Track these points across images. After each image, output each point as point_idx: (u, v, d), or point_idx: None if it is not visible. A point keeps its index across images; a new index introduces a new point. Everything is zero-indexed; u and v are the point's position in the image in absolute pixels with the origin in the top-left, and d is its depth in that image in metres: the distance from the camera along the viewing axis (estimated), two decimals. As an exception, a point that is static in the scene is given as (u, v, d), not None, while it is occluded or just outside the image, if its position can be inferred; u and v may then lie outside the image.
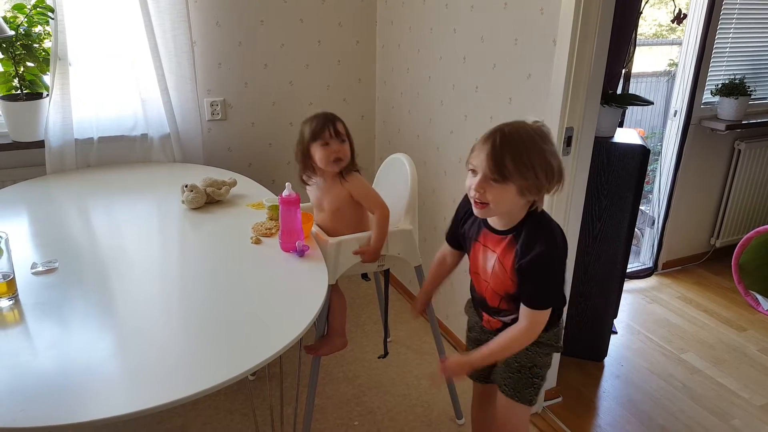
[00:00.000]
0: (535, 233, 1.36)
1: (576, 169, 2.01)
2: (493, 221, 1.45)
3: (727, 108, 3.29)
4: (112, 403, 1.11)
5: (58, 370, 1.18)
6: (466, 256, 1.60)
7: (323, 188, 1.94)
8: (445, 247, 1.69)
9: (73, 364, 1.21)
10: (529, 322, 1.40)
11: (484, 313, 1.60)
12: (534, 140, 1.31)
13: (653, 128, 3.70)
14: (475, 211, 1.38)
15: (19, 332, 1.32)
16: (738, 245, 3.18)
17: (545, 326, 1.48)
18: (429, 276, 1.77)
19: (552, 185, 1.34)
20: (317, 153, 1.84)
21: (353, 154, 1.90)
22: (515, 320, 1.47)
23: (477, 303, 1.62)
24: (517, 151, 1.29)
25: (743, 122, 3.32)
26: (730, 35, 3.28)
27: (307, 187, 1.99)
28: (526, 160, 1.29)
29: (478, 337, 1.66)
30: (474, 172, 1.34)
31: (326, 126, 1.82)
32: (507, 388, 1.58)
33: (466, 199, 1.53)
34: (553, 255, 1.37)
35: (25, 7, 2.30)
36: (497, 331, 1.54)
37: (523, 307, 1.41)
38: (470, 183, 1.35)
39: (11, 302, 1.41)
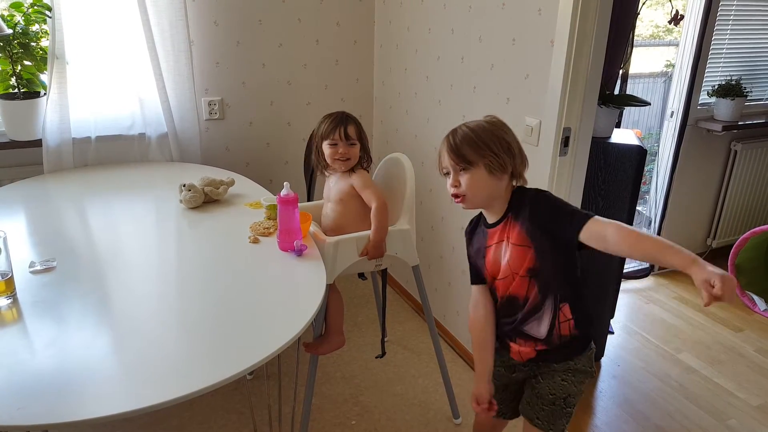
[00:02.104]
0: (522, 197, 1.44)
1: (573, 169, 2.01)
2: (490, 217, 1.48)
3: (724, 109, 3.30)
4: (110, 401, 1.11)
5: (55, 369, 1.18)
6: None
7: (333, 181, 2.04)
8: (474, 294, 1.56)
9: (70, 363, 1.21)
10: (601, 223, 1.30)
11: (512, 344, 1.52)
12: (482, 127, 1.42)
13: (650, 129, 3.70)
14: (464, 207, 1.45)
15: (17, 331, 1.32)
16: (734, 246, 3.18)
17: (579, 347, 1.47)
18: (475, 341, 1.57)
19: (515, 161, 1.42)
20: (326, 150, 1.97)
21: (368, 153, 2.03)
22: (549, 336, 1.43)
23: (503, 324, 1.52)
24: (470, 138, 1.40)
25: (739, 123, 3.33)
26: (727, 37, 3.29)
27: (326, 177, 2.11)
28: (480, 142, 1.39)
29: (501, 373, 1.59)
30: (447, 174, 1.45)
31: (337, 127, 1.94)
32: (541, 422, 1.51)
33: (467, 229, 1.59)
34: (544, 192, 1.44)
35: (23, 5, 2.30)
36: (529, 362, 1.51)
37: (585, 229, 1.31)
38: (448, 183, 1.45)
39: (9, 301, 1.41)
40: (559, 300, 1.44)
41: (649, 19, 4.09)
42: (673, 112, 3.33)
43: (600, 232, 1.30)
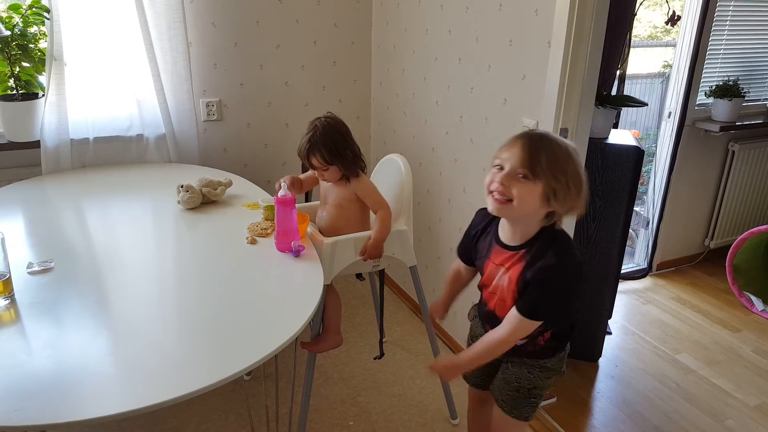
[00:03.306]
0: (547, 246, 1.32)
1: (570, 169, 2.01)
2: (506, 236, 1.40)
3: (721, 109, 3.30)
4: (108, 402, 1.11)
5: (53, 370, 1.18)
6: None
7: (330, 184, 2.02)
8: (458, 262, 1.64)
9: (68, 364, 1.21)
10: (510, 327, 1.36)
11: (488, 327, 1.54)
12: (569, 149, 1.30)
13: (648, 129, 3.71)
14: (494, 208, 1.31)
15: (15, 331, 1.32)
16: (732, 246, 3.19)
17: (549, 352, 1.49)
18: (445, 288, 1.72)
19: (576, 202, 1.30)
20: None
21: (357, 156, 1.94)
22: (526, 346, 1.47)
23: (483, 316, 1.57)
24: (552, 152, 1.26)
25: (737, 124, 3.34)
26: (724, 37, 3.30)
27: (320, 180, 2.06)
28: (561, 162, 1.26)
29: None
30: (500, 167, 1.30)
31: (304, 159, 1.91)
32: (504, 404, 1.56)
33: (480, 215, 1.51)
34: (563, 270, 1.31)
35: (21, 7, 2.30)
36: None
37: (511, 311, 1.36)
38: (493, 178, 1.30)
39: (7, 302, 1.41)
40: (543, 331, 1.46)
41: (647, 20, 4.10)
42: (670, 113, 3.33)
43: (505, 322, 1.39)
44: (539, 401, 1.56)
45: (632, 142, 2.41)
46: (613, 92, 2.64)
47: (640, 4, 2.50)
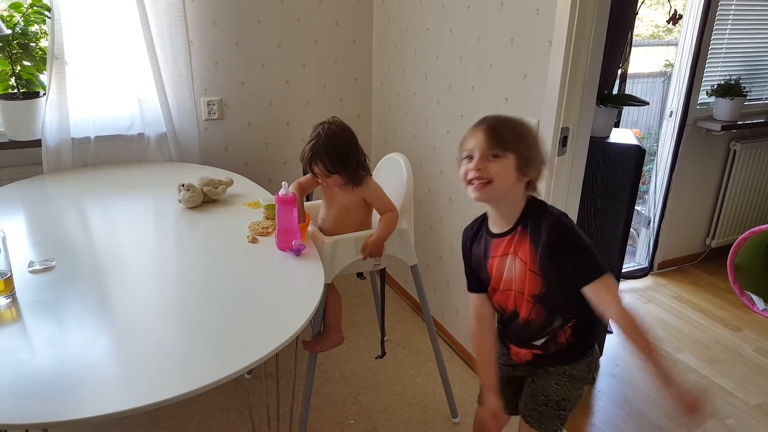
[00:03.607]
0: (540, 214, 1.35)
1: (571, 169, 2.01)
2: (496, 226, 1.41)
3: (723, 109, 3.30)
4: (109, 400, 1.11)
5: (55, 368, 1.19)
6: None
7: (337, 186, 1.95)
8: (474, 302, 1.54)
9: (69, 362, 1.21)
10: (604, 296, 1.29)
11: (512, 345, 1.52)
12: (521, 118, 1.38)
13: (649, 129, 3.71)
14: (476, 194, 1.33)
15: (17, 330, 1.32)
16: (733, 245, 3.19)
17: (577, 354, 1.45)
18: (477, 352, 1.55)
19: (543, 161, 1.36)
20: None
21: (361, 164, 1.89)
22: (546, 344, 1.44)
23: (502, 330, 1.53)
24: (510, 124, 1.34)
25: (738, 123, 3.33)
26: (726, 36, 3.29)
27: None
28: (521, 131, 1.34)
29: (501, 368, 1.57)
30: (469, 157, 1.33)
31: (306, 166, 1.87)
32: (531, 420, 1.52)
33: (466, 230, 1.53)
34: (568, 221, 1.35)
35: (22, 5, 2.30)
36: (527, 364, 1.50)
37: (587, 290, 1.29)
38: (467, 167, 1.33)
39: (9, 300, 1.42)
40: (565, 322, 1.43)
41: (649, 19, 4.10)
42: (672, 112, 3.33)
43: (602, 303, 1.30)
44: (569, 413, 1.51)
45: (633, 141, 2.41)
46: (615, 91, 2.64)
47: (642, 3, 2.50)
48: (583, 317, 1.43)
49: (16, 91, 2.39)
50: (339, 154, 1.82)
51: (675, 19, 2.58)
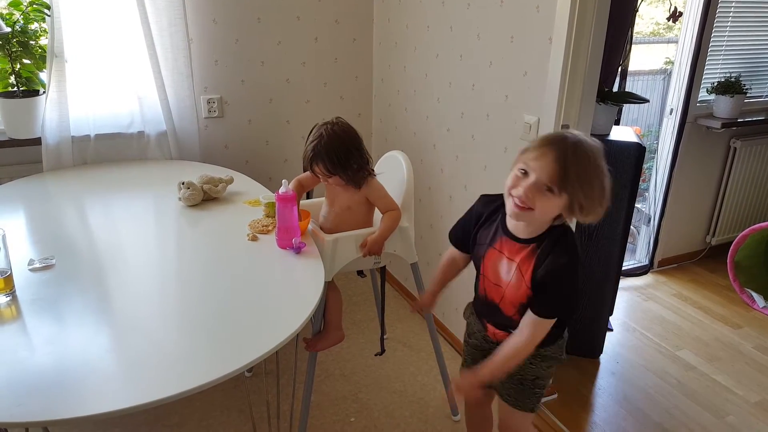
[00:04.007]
0: (558, 244, 1.34)
1: (572, 166, 2.01)
2: (515, 228, 1.40)
3: (723, 106, 3.30)
4: (109, 398, 1.11)
5: (55, 366, 1.19)
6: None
7: (338, 185, 1.94)
8: (452, 249, 1.63)
9: (70, 360, 1.21)
10: (531, 330, 1.37)
11: (489, 324, 1.57)
12: (598, 157, 1.26)
13: (649, 126, 3.70)
14: (514, 212, 1.31)
15: (17, 328, 1.32)
16: (733, 243, 3.19)
17: (550, 339, 1.48)
18: (436, 275, 1.68)
19: (599, 211, 1.29)
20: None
21: (362, 168, 1.88)
22: None
23: (483, 310, 1.57)
24: (583, 166, 1.24)
25: (739, 120, 3.33)
26: (726, 33, 3.29)
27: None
28: (591, 177, 1.25)
29: (479, 344, 1.64)
30: (524, 172, 1.28)
31: (308, 167, 1.86)
32: (509, 398, 1.58)
33: (484, 202, 1.51)
34: (574, 267, 1.35)
35: (22, 3, 2.30)
36: (501, 342, 1.52)
37: (528, 315, 1.37)
38: (517, 183, 1.28)
39: (8, 299, 1.42)
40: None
41: (649, 16, 4.09)
42: (672, 110, 3.33)
43: (523, 325, 1.40)
44: (543, 391, 1.57)
45: (634, 139, 2.41)
46: (615, 89, 2.64)
47: (642, 0, 2.50)
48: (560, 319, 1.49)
49: (15, 89, 2.39)
50: (340, 157, 1.81)
51: (675, 16, 2.58)
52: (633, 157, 2.35)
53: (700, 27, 3.12)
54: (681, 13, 2.59)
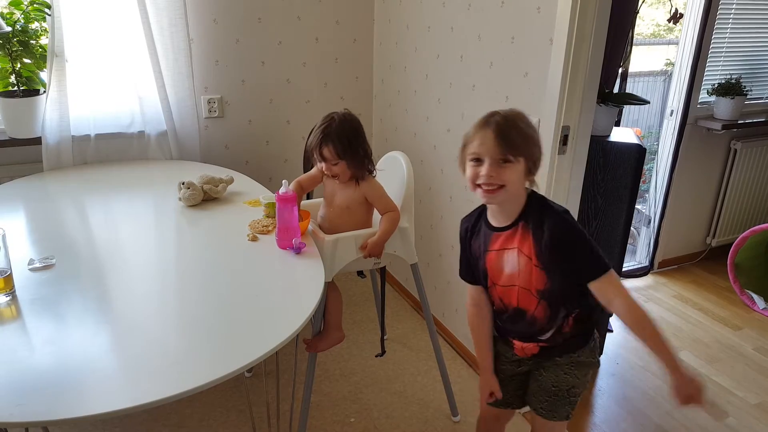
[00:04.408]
0: (543, 210, 1.36)
1: (572, 168, 2.01)
2: (496, 220, 1.41)
3: (724, 108, 3.30)
4: (109, 398, 1.11)
5: (54, 366, 1.18)
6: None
7: (337, 185, 1.95)
8: (471, 292, 1.58)
9: (69, 360, 1.21)
10: (616, 289, 1.32)
11: (515, 341, 1.53)
12: (524, 117, 1.35)
13: (650, 127, 3.70)
14: (487, 198, 1.34)
15: (16, 328, 1.32)
16: (734, 244, 3.19)
17: (582, 340, 1.47)
18: (477, 344, 1.60)
19: (541, 157, 1.36)
20: (316, 162, 1.89)
21: (367, 159, 1.89)
22: (552, 336, 1.45)
23: (506, 325, 1.53)
24: (519, 127, 1.32)
25: (739, 122, 3.33)
26: (727, 35, 3.29)
27: (324, 177, 1.99)
28: (528, 133, 1.32)
29: (509, 370, 1.59)
30: (478, 160, 1.32)
31: (315, 149, 1.85)
32: (544, 411, 1.53)
33: (464, 221, 1.53)
34: (570, 219, 1.36)
35: (22, 3, 2.30)
36: (533, 357, 1.51)
37: (598, 283, 1.32)
38: (476, 171, 1.32)
39: (8, 298, 1.42)
40: (569, 313, 1.44)
41: (650, 18, 4.09)
42: (672, 111, 3.33)
43: (608, 296, 1.33)
44: (578, 399, 1.54)
45: (634, 140, 2.41)
46: (615, 90, 2.64)
47: (643, 1, 2.50)
48: (584, 307, 1.46)
49: (16, 88, 2.39)
50: (350, 140, 1.83)
51: (676, 17, 2.58)
52: (633, 159, 2.35)
53: (700, 28, 3.13)
54: (682, 15, 2.59)
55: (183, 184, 2.06)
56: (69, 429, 2.10)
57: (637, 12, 2.50)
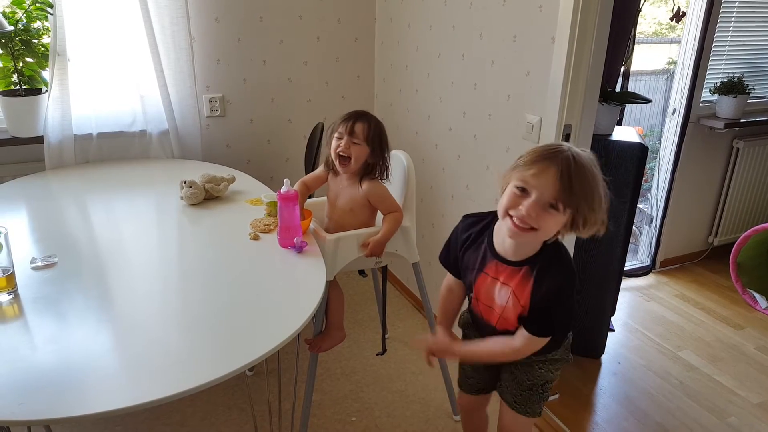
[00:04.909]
0: (553, 264, 1.30)
1: (574, 166, 2.01)
2: (505, 251, 1.34)
3: (726, 106, 3.29)
4: (111, 397, 1.11)
5: (57, 365, 1.19)
6: None
7: (342, 185, 1.96)
8: (448, 280, 1.59)
9: (72, 359, 1.21)
10: (525, 344, 1.36)
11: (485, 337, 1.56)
12: (595, 168, 1.22)
13: (652, 126, 3.70)
14: (514, 233, 1.24)
15: (19, 326, 1.32)
16: (736, 244, 3.18)
17: (556, 343, 1.48)
18: (440, 310, 1.63)
19: (600, 222, 1.24)
20: (332, 142, 1.88)
21: (383, 162, 1.91)
22: None
23: (478, 325, 1.56)
24: (585, 179, 1.19)
25: (742, 121, 3.32)
26: (729, 33, 3.28)
27: (330, 175, 2.00)
28: (593, 189, 1.20)
29: None
30: (524, 191, 1.21)
31: (346, 121, 1.85)
32: (517, 405, 1.55)
33: (468, 223, 1.47)
34: (572, 285, 1.31)
35: (24, 2, 2.30)
36: None
37: (523, 331, 1.35)
38: (516, 202, 1.21)
39: (11, 297, 1.42)
40: None
41: (651, 16, 4.09)
42: (674, 110, 3.32)
43: (514, 339, 1.38)
44: (549, 393, 1.57)
45: (636, 139, 2.40)
46: (617, 89, 2.63)
47: (645, 0, 2.49)
48: None
49: (18, 87, 2.39)
50: (381, 136, 1.89)
51: (678, 16, 2.57)
52: (636, 158, 2.34)
53: (703, 27, 3.12)
54: (684, 13, 2.59)
55: (185, 182, 2.06)
56: (71, 427, 2.10)
57: (639, 10, 2.49)
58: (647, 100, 2.52)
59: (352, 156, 1.85)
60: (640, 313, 3.09)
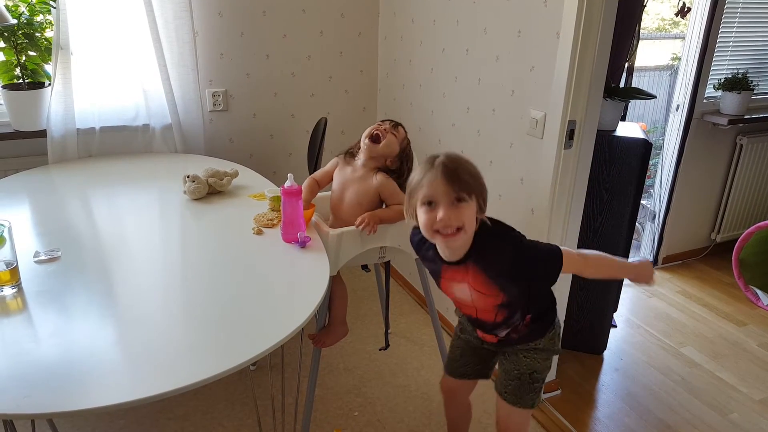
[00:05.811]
0: (488, 241, 1.37)
1: (578, 162, 2.01)
2: (449, 256, 1.40)
3: (730, 103, 3.28)
4: (114, 390, 1.11)
5: (60, 358, 1.19)
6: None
7: (353, 175, 1.95)
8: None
9: (75, 352, 1.21)
10: (576, 264, 1.41)
11: (477, 330, 1.62)
12: (465, 157, 1.37)
13: (655, 122, 3.69)
14: (446, 243, 1.34)
15: (22, 320, 1.32)
16: (738, 240, 3.17)
17: (539, 332, 1.53)
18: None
19: (486, 197, 1.36)
20: (366, 130, 1.94)
21: (406, 167, 1.96)
22: (510, 334, 1.52)
23: (473, 323, 1.62)
24: (465, 165, 1.33)
25: (745, 117, 3.31)
26: (734, 30, 3.27)
27: (337, 169, 2.00)
28: (474, 170, 1.34)
29: (471, 341, 1.67)
30: (430, 204, 1.31)
31: (390, 120, 1.97)
32: (508, 396, 1.58)
33: (415, 241, 1.53)
34: (513, 244, 1.38)
35: (27, -5, 2.30)
36: (492, 344, 1.60)
37: (564, 264, 1.38)
38: (431, 216, 1.30)
39: (14, 290, 1.42)
40: (525, 314, 1.51)
41: (655, 12, 4.07)
42: (678, 106, 3.31)
43: (575, 271, 1.44)
44: (541, 385, 1.59)
45: (640, 135, 2.40)
46: (622, 84, 2.62)
47: (650, -5, 2.48)
48: (540, 306, 1.53)
49: (21, 81, 2.39)
50: (410, 157, 1.99)
51: (683, 12, 2.56)
52: (639, 153, 2.34)
53: (707, 23, 3.10)
54: (689, 9, 2.58)
55: (188, 177, 2.06)
56: (74, 420, 2.11)
57: (644, 6, 2.48)
58: (651, 96, 2.52)
59: (384, 140, 1.89)
60: (643, 309, 3.09)
